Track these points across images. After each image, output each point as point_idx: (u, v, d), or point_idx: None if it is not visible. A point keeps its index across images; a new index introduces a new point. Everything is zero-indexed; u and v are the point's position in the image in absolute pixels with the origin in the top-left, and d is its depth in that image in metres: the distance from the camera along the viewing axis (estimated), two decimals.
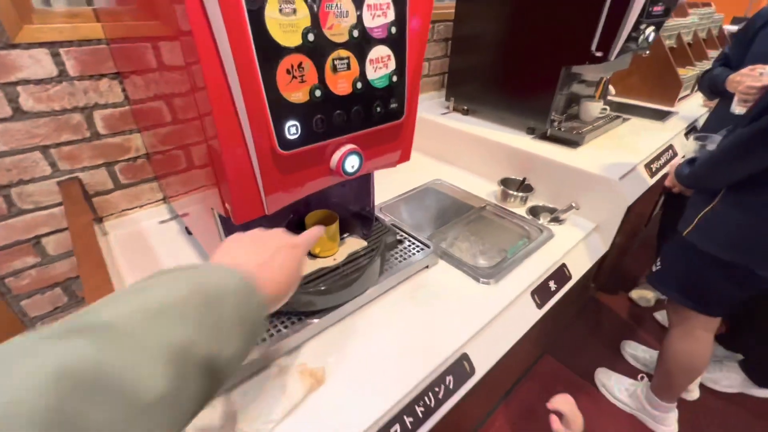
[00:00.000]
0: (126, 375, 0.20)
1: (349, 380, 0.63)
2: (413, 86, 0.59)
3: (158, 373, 0.21)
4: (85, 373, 0.19)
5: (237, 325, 0.28)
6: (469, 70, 1.42)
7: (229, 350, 0.27)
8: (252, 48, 0.40)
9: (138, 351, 0.22)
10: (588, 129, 1.25)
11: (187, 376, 0.23)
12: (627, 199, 0.99)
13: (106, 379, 0.19)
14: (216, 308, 0.27)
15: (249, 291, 0.31)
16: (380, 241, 0.80)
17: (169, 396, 0.21)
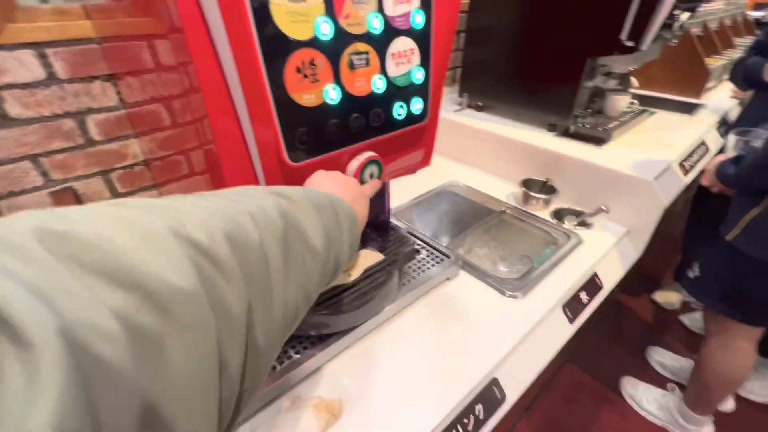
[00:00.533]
0: (305, 229, 0.27)
1: (369, 414, 0.56)
2: (437, 84, 0.52)
3: (320, 238, 0.28)
4: (292, 218, 0.26)
5: (350, 241, 0.34)
6: (484, 63, 1.34)
7: (344, 256, 0.33)
8: (255, 42, 0.34)
9: (309, 220, 0.28)
10: (614, 125, 1.17)
11: (330, 252, 0.30)
12: (663, 201, 0.92)
13: (300, 227, 0.26)
14: (341, 222, 0.33)
15: (356, 220, 0.36)
16: (398, 254, 0.73)
17: (323, 254, 0.28)
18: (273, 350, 0.23)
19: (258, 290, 0.21)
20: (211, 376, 0.16)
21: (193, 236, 0.18)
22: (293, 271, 0.24)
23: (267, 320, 0.21)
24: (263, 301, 0.21)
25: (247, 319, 0.19)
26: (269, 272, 0.22)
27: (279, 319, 0.23)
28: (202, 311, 0.17)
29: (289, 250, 0.24)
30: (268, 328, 0.21)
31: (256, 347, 0.20)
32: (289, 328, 0.25)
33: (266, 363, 0.22)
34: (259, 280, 0.21)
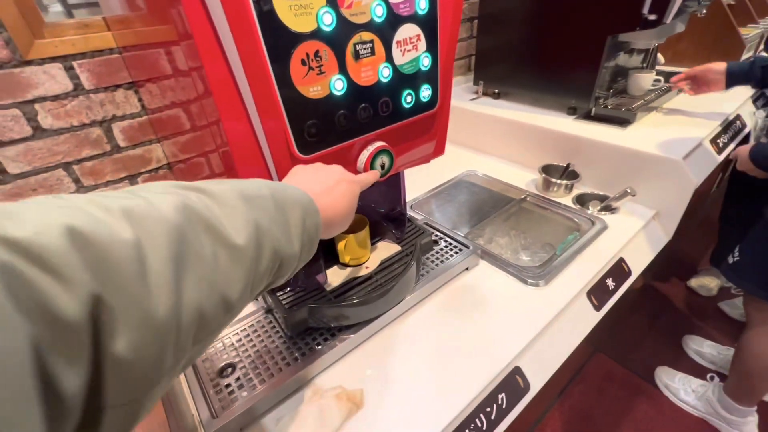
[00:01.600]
0: (223, 223, 0.24)
1: (390, 403, 0.56)
2: (446, 70, 0.52)
3: (244, 232, 0.25)
4: (198, 211, 0.23)
5: (300, 233, 0.31)
6: (498, 49, 1.31)
7: (290, 250, 0.30)
8: (259, 37, 0.34)
9: (230, 212, 0.25)
10: (639, 104, 1.12)
11: (262, 248, 0.27)
12: (693, 181, 0.87)
13: (209, 221, 0.24)
14: (286, 213, 0.30)
15: (313, 209, 0.34)
16: (415, 244, 0.73)
17: (250, 250, 0.26)
18: (151, 365, 0.19)
19: (125, 294, 0.18)
20: (17, 386, 0.14)
21: (7, 234, 0.16)
22: (193, 270, 0.21)
23: (138, 328, 0.18)
24: (134, 306, 0.18)
25: (94, 325, 0.17)
26: (146, 273, 0.19)
27: (163, 328, 0.19)
28: (5, 324, 0.14)
29: (188, 247, 0.21)
30: (141, 336, 0.18)
31: (115, 358, 0.17)
32: (186, 339, 0.21)
33: (144, 376, 0.19)
34: (128, 282, 0.18)
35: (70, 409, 0.16)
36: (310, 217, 0.33)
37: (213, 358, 0.61)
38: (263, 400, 0.55)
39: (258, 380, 0.57)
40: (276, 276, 0.30)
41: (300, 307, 0.61)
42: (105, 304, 0.17)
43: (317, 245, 0.35)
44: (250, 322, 0.68)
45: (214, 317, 0.23)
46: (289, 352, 0.61)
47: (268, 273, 0.28)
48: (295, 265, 0.32)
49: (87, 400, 0.16)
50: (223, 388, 0.57)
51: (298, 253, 0.31)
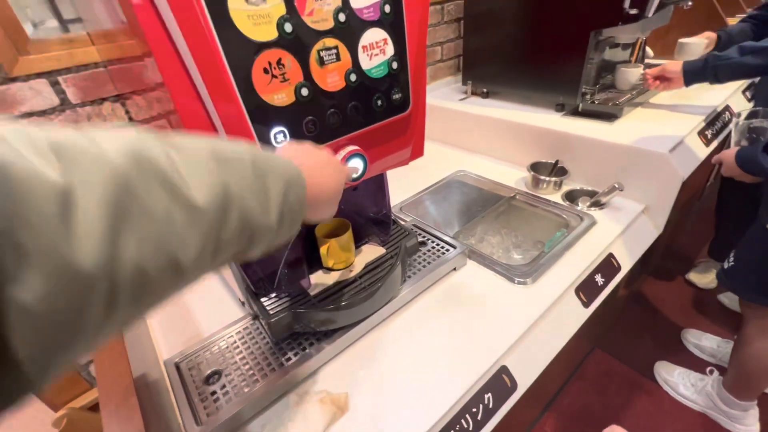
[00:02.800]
0: (181, 178, 0.22)
1: (375, 406, 0.57)
2: (418, 71, 0.52)
3: (207, 193, 0.23)
4: (156, 162, 0.21)
5: (279, 204, 0.30)
6: (485, 49, 1.31)
7: (265, 220, 0.28)
8: (218, 47, 0.35)
9: (195, 170, 0.23)
10: (626, 99, 1.11)
11: (228, 213, 0.25)
12: (680, 174, 0.87)
13: (167, 175, 0.22)
14: (267, 182, 0.29)
15: (299, 183, 0.32)
16: (400, 246, 0.73)
17: (211, 213, 0.24)
18: (72, 319, 0.18)
19: (38, 237, 0.16)
20: None
21: None
22: (137, 225, 0.19)
23: (54, 276, 0.16)
24: (47, 252, 0.16)
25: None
26: (71, 220, 0.17)
27: (86, 281, 0.18)
28: None
29: (133, 200, 0.19)
30: (56, 287, 0.16)
31: (19, 304, 0.15)
32: (119, 296, 0.19)
33: (53, 331, 0.17)
34: (46, 226, 0.16)
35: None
36: (294, 191, 0.31)
37: (200, 366, 0.62)
38: (248, 406, 0.55)
39: (244, 387, 0.57)
40: (247, 246, 0.28)
41: (284, 313, 0.61)
42: (10, 242, 0.15)
43: (300, 223, 0.33)
44: (237, 329, 0.68)
45: (159, 279, 0.21)
46: (275, 357, 0.62)
47: (234, 241, 0.26)
48: (273, 239, 0.31)
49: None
50: (208, 395, 0.57)
51: (275, 226, 0.29)
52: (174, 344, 0.68)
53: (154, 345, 0.69)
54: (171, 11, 0.32)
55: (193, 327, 0.72)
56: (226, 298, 0.77)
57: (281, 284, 0.65)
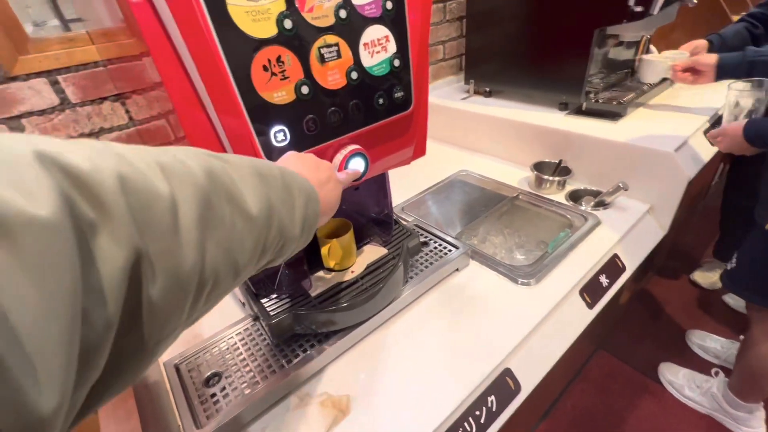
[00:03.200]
0: (239, 193, 0.25)
1: (376, 409, 0.56)
2: (420, 69, 0.51)
3: (258, 204, 0.27)
4: (221, 178, 0.24)
5: (302, 217, 0.32)
6: (488, 48, 1.30)
7: (293, 231, 0.31)
8: (216, 44, 0.34)
9: (246, 184, 0.27)
10: (630, 98, 1.10)
11: (271, 222, 0.28)
12: (686, 173, 0.85)
13: (230, 190, 0.25)
14: (293, 196, 0.32)
15: (315, 197, 0.35)
16: (401, 247, 0.72)
17: (261, 222, 0.27)
18: (173, 313, 0.21)
19: (160, 245, 0.19)
20: (65, 320, 0.14)
21: (69, 162, 0.16)
22: (215, 233, 0.23)
23: (169, 278, 0.20)
24: (165, 257, 0.19)
25: (134, 269, 0.18)
26: (179, 229, 0.20)
27: (187, 280, 0.21)
28: (62, 247, 0.14)
29: (212, 211, 0.23)
30: (170, 286, 0.20)
31: (149, 301, 0.19)
32: (202, 294, 0.23)
33: (162, 323, 0.20)
34: (164, 235, 0.19)
35: (99, 347, 0.16)
36: (312, 205, 0.34)
37: (199, 368, 0.61)
38: (248, 409, 0.55)
39: (244, 389, 0.57)
40: (278, 254, 0.31)
41: (285, 314, 0.61)
42: (143, 250, 0.18)
43: (313, 233, 0.36)
44: (237, 330, 0.67)
45: (225, 280, 0.24)
46: (276, 359, 0.61)
47: (272, 248, 0.29)
48: (294, 248, 0.33)
49: (117, 340, 0.17)
50: (208, 397, 0.56)
51: (298, 236, 0.32)
52: (174, 346, 0.67)
53: None
54: (168, 7, 0.31)
55: (192, 328, 0.71)
56: (226, 299, 0.77)
57: (282, 285, 0.64)
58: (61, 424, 0.14)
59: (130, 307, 0.18)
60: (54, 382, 0.13)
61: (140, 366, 0.20)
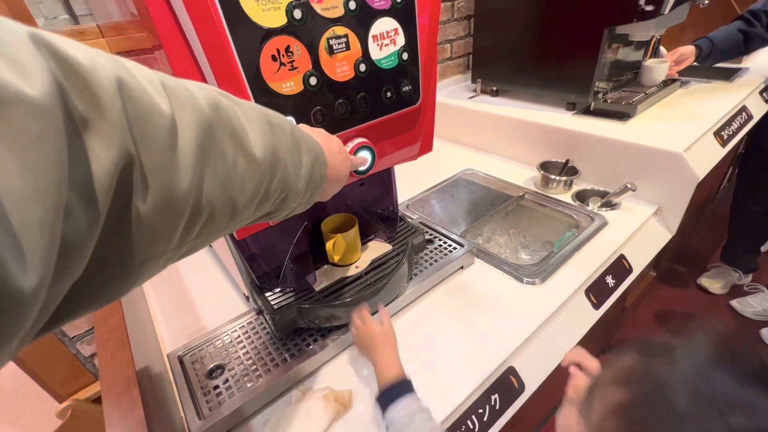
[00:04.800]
0: (244, 133, 0.25)
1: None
2: (428, 64, 0.51)
3: (263, 148, 0.26)
4: (228, 114, 0.24)
5: (307, 175, 0.32)
6: (496, 46, 1.29)
7: (296, 186, 0.31)
8: (226, 33, 0.34)
9: (254, 127, 0.26)
10: (639, 98, 1.09)
11: (275, 170, 0.28)
12: (696, 174, 0.84)
13: (235, 128, 0.24)
14: (301, 151, 0.31)
15: (323, 160, 0.35)
16: (406, 243, 0.72)
17: (264, 166, 0.26)
18: (163, 234, 0.20)
19: (155, 160, 0.19)
20: (50, 205, 0.14)
21: (66, 52, 0.15)
22: (214, 165, 0.22)
23: (162, 196, 0.19)
24: (160, 174, 0.19)
25: (123, 176, 0.17)
26: (176, 150, 0.20)
27: (180, 203, 0.21)
28: (51, 132, 0.14)
29: (214, 143, 0.22)
30: (161, 205, 0.19)
31: (138, 214, 0.18)
32: (194, 224, 0.22)
33: (150, 241, 0.20)
34: (160, 151, 0.19)
35: (81, 246, 0.16)
36: (318, 166, 0.33)
37: (203, 360, 0.61)
38: (251, 401, 0.55)
39: (246, 381, 0.57)
40: (278, 207, 0.31)
41: (289, 308, 0.61)
42: (136, 159, 0.18)
43: (317, 195, 0.35)
44: (240, 324, 0.67)
45: (221, 217, 0.24)
46: (279, 353, 0.61)
47: (273, 198, 0.29)
48: (295, 206, 0.33)
49: (101, 246, 0.17)
50: (211, 389, 0.56)
51: (301, 192, 0.32)
52: (178, 337, 0.68)
53: (158, 337, 0.69)
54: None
55: (196, 321, 0.71)
56: (230, 292, 0.77)
57: (286, 279, 0.64)
58: (37, 312, 0.14)
59: (117, 214, 0.17)
60: (36, 262, 0.13)
61: (121, 283, 0.20)
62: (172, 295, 0.79)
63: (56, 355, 0.98)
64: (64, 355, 1.00)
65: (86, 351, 1.03)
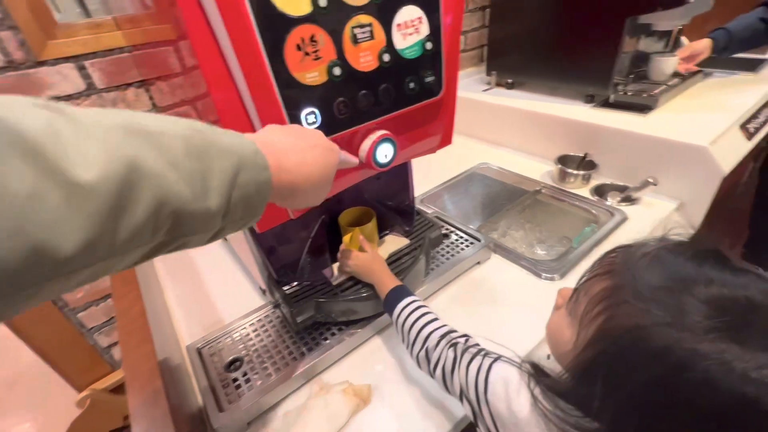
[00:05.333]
0: (62, 150, 0.18)
1: (398, 399, 0.55)
2: (451, 54, 0.50)
3: (101, 167, 0.19)
4: (18, 127, 0.17)
5: (224, 186, 0.26)
6: (511, 38, 1.27)
7: (197, 205, 0.24)
8: (251, 21, 0.33)
9: (86, 140, 0.20)
10: (661, 90, 1.06)
11: (134, 193, 0.21)
12: (722, 169, 0.82)
13: (36, 143, 0.18)
14: (205, 160, 0.25)
15: (256, 164, 0.28)
16: (424, 238, 0.71)
17: (103, 193, 0.19)
18: None
19: None
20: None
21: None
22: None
23: None
24: None
25: None
26: None
27: None
28: None
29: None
30: None
31: None
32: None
33: None
34: None
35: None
36: (248, 172, 0.27)
37: (221, 353, 0.61)
38: (270, 394, 0.55)
39: (265, 374, 0.57)
40: (172, 235, 0.24)
41: (306, 302, 0.60)
42: None
43: (261, 209, 0.30)
44: (258, 317, 0.67)
45: (26, 270, 0.18)
46: (296, 346, 0.61)
47: (149, 229, 0.22)
48: (217, 227, 0.27)
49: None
50: (230, 382, 0.57)
51: (216, 211, 0.26)
52: (195, 330, 0.68)
53: (176, 330, 0.69)
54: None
55: (213, 314, 0.72)
56: (246, 286, 0.77)
57: (304, 272, 0.64)
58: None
59: None
60: None
61: None
62: (187, 288, 0.80)
63: (75, 345, 1.00)
64: (83, 346, 1.02)
65: (103, 342, 1.04)
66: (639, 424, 0.28)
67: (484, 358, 0.43)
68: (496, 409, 0.38)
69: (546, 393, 0.35)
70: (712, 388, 0.24)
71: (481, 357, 0.43)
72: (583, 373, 0.32)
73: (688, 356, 0.25)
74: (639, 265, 0.31)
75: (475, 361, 0.43)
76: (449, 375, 0.45)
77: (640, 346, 0.27)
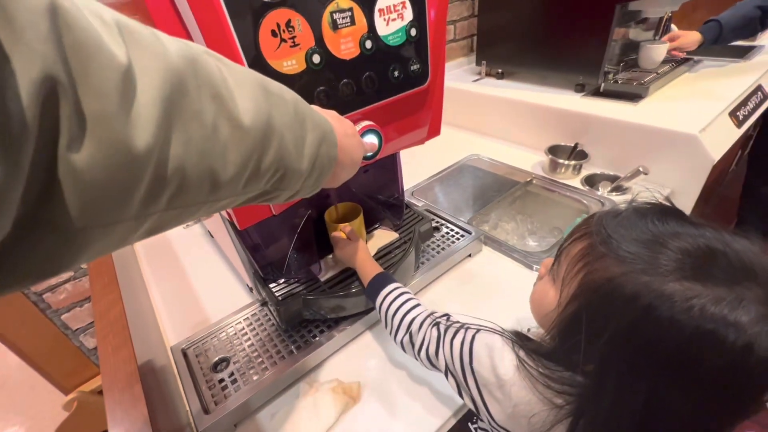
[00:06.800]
0: (233, 97, 0.22)
1: (388, 396, 0.54)
2: (437, 41, 0.48)
3: (253, 116, 0.23)
4: (209, 72, 0.21)
5: (312, 154, 0.29)
6: (501, 27, 1.25)
7: (297, 165, 0.28)
8: (221, 4, 0.31)
9: (244, 92, 0.23)
10: (651, 78, 1.05)
11: (269, 143, 0.25)
12: (711, 156, 0.82)
13: (218, 88, 0.21)
14: (305, 127, 0.28)
15: (332, 139, 0.32)
16: (413, 231, 0.70)
17: (254, 137, 0.23)
18: (114, 196, 0.17)
19: (97, 102, 0.16)
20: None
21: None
22: (186, 126, 0.19)
23: (107, 150, 0.16)
24: (104, 122, 0.16)
25: (47, 105, 0.14)
26: (131, 99, 0.17)
27: (135, 164, 0.17)
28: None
29: (186, 99, 0.19)
30: (107, 160, 0.16)
31: (71, 165, 0.15)
32: (159, 192, 0.19)
33: (95, 202, 0.17)
34: (105, 95, 0.16)
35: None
36: (327, 146, 0.31)
37: (207, 353, 0.60)
38: (257, 394, 0.53)
39: (252, 374, 0.55)
40: (274, 186, 0.28)
41: (294, 299, 0.59)
42: (68, 91, 0.14)
43: (325, 179, 0.33)
44: (245, 315, 0.66)
45: (197, 187, 0.21)
46: (284, 345, 0.59)
47: (267, 175, 0.26)
48: (298, 188, 0.30)
49: (29, 203, 0.15)
50: (216, 383, 0.55)
51: (304, 173, 0.29)
52: (181, 330, 0.66)
53: (161, 330, 0.68)
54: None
55: (200, 313, 0.70)
56: (233, 283, 0.75)
57: (291, 269, 0.62)
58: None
59: (44, 160, 0.14)
60: None
61: (61, 251, 0.17)
62: (173, 286, 0.78)
63: (60, 347, 0.98)
64: (68, 348, 0.99)
65: (90, 343, 1.02)
66: (620, 371, 0.30)
67: (466, 331, 0.43)
68: (481, 377, 0.39)
69: (530, 355, 0.36)
70: (677, 326, 0.27)
71: (464, 330, 0.44)
72: (567, 327, 0.34)
73: (655, 297, 0.28)
74: (613, 223, 0.33)
75: (458, 335, 0.44)
76: (434, 354, 0.46)
77: (616, 294, 0.30)
